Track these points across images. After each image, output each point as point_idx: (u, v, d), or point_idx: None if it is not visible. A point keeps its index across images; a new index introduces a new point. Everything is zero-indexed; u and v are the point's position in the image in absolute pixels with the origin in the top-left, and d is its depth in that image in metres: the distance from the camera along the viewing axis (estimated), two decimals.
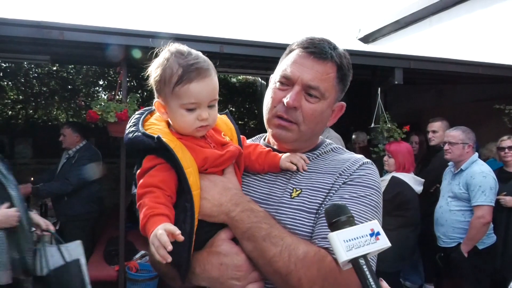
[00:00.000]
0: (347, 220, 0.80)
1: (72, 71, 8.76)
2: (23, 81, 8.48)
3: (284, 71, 1.16)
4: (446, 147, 3.75)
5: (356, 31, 10.27)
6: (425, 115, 6.08)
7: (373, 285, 0.73)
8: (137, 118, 1.12)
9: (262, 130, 1.31)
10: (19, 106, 8.67)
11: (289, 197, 1.12)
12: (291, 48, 1.21)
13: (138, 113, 1.16)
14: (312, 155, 1.22)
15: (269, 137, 1.29)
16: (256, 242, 1.00)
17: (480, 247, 3.52)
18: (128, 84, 5.34)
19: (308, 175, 1.16)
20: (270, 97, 1.19)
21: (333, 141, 1.36)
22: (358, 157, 1.22)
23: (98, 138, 6.56)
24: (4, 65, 8.16)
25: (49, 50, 5.05)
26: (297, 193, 1.12)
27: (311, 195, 1.10)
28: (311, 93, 1.14)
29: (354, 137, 6.30)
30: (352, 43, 7.76)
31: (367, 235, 0.77)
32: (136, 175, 1.10)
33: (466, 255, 3.49)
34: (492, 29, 6.68)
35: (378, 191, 1.13)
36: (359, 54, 4.97)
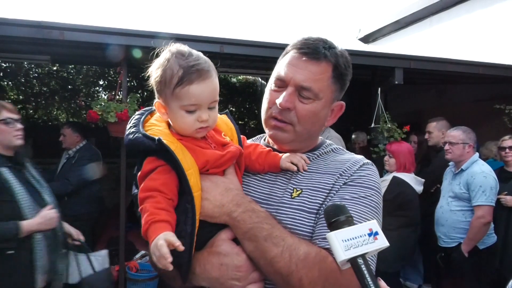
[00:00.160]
0: (346, 220, 0.81)
1: (72, 71, 8.76)
2: (23, 81, 8.48)
3: (278, 72, 1.17)
4: (446, 147, 3.75)
5: (356, 31, 10.27)
6: (425, 115, 6.07)
7: (371, 284, 0.73)
8: (138, 118, 1.12)
9: (262, 130, 1.31)
10: (19, 106, 8.66)
11: (290, 197, 1.12)
12: (287, 49, 1.21)
13: (138, 113, 1.15)
14: (312, 155, 1.22)
15: (268, 137, 1.29)
16: (257, 242, 1.00)
17: (480, 247, 3.52)
18: (128, 84, 5.34)
19: (308, 175, 1.16)
20: (265, 98, 1.21)
21: (333, 141, 1.36)
22: (358, 157, 1.22)
23: (98, 138, 6.55)
24: (4, 65, 8.16)
25: (49, 50, 5.05)
26: (298, 193, 1.12)
27: (311, 195, 1.10)
28: (304, 94, 1.14)
29: (354, 137, 6.30)
30: (352, 43, 7.75)
31: (365, 235, 0.78)
32: (136, 175, 1.10)
33: (466, 255, 3.49)
34: (492, 29, 6.68)
35: (378, 192, 1.14)
36: (359, 54, 4.97)
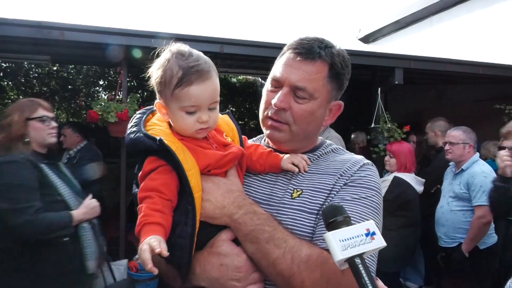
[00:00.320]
0: (344, 220, 0.81)
1: (72, 71, 8.76)
2: (23, 81, 8.48)
3: (274, 73, 1.18)
4: (447, 147, 3.74)
5: (356, 31, 10.28)
6: (426, 115, 6.08)
7: (369, 284, 0.74)
8: (139, 118, 1.11)
9: (262, 130, 1.31)
10: None
11: (290, 198, 1.11)
12: (283, 50, 1.22)
13: (139, 112, 1.15)
14: (313, 156, 1.22)
15: (266, 137, 1.30)
16: (259, 244, 1.00)
17: (481, 247, 3.51)
18: (128, 84, 5.35)
19: (309, 175, 1.16)
20: (262, 99, 1.21)
21: (333, 142, 1.36)
22: (358, 158, 1.22)
23: (98, 138, 6.55)
24: (4, 65, 8.17)
25: (50, 50, 5.05)
26: (298, 193, 1.12)
27: (312, 196, 1.10)
28: (299, 94, 1.14)
29: (353, 137, 6.30)
30: (352, 43, 7.76)
31: (362, 235, 0.78)
32: (137, 175, 1.10)
33: (467, 255, 3.49)
34: (492, 29, 6.68)
35: (378, 193, 1.14)
36: (359, 54, 4.97)
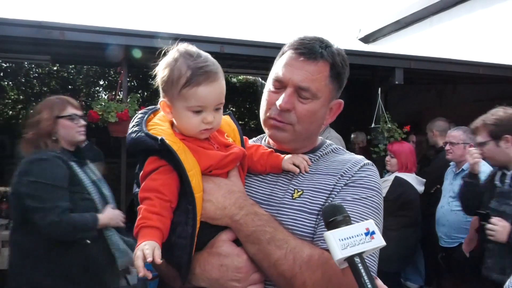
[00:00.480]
0: (343, 219, 0.82)
1: (72, 71, 8.77)
2: (23, 81, 8.49)
3: (276, 73, 1.17)
4: (447, 147, 3.75)
5: (356, 31, 10.27)
6: (426, 115, 6.08)
7: (368, 283, 0.74)
8: (140, 117, 1.11)
9: (262, 130, 1.31)
10: (19, 106, 8.68)
11: (291, 198, 1.11)
12: (283, 49, 1.21)
13: (141, 112, 1.15)
14: (313, 156, 1.22)
15: (268, 137, 1.29)
16: (260, 245, 1.00)
17: None
18: (128, 84, 5.35)
19: (309, 176, 1.16)
20: (264, 99, 1.20)
21: (333, 142, 1.36)
22: (359, 158, 1.22)
23: (98, 138, 6.55)
24: (4, 65, 8.17)
25: (50, 50, 5.05)
26: (299, 194, 1.11)
27: (312, 196, 1.10)
28: (302, 94, 1.14)
29: (353, 137, 6.29)
30: (352, 43, 7.76)
31: (362, 234, 0.79)
32: (137, 174, 1.10)
33: (467, 255, 3.48)
34: (492, 29, 6.68)
35: (379, 193, 1.14)
36: (360, 54, 4.98)
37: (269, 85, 1.20)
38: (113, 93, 4.48)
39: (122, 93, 4.42)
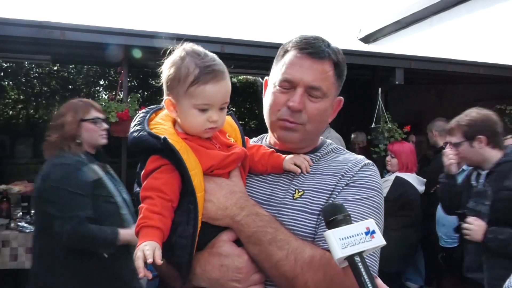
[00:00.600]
0: (344, 218, 0.82)
1: (73, 71, 8.77)
2: (24, 81, 8.49)
3: (284, 74, 1.15)
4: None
5: (356, 31, 10.27)
6: (426, 115, 6.07)
7: (368, 282, 0.74)
8: (142, 117, 1.11)
9: (262, 130, 1.31)
10: (20, 106, 8.68)
11: (292, 198, 1.11)
12: (285, 48, 1.20)
13: (143, 111, 1.14)
14: (315, 157, 1.21)
15: (270, 138, 1.28)
16: (261, 246, 1.00)
17: None
18: (129, 84, 5.35)
19: (310, 176, 1.15)
20: (271, 100, 1.18)
21: (333, 142, 1.36)
22: (359, 158, 1.22)
23: None
24: (5, 65, 8.17)
25: (50, 50, 5.06)
26: (300, 194, 1.11)
27: (313, 196, 1.10)
28: (313, 93, 1.14)
29: (353, 137, 6.28)
30: (352, 43, 7.76)
31: (362, 233, 0.79)
32: (139, 174, 1.10)
33: None
34: (492, 29, 6.68)
35: (380, 193, 1.14)
36: (360, 54, 4.97)
37: (274, 86, 1.18)
38: (114, 93, 4.49)
39: (122, 93, 4.43)
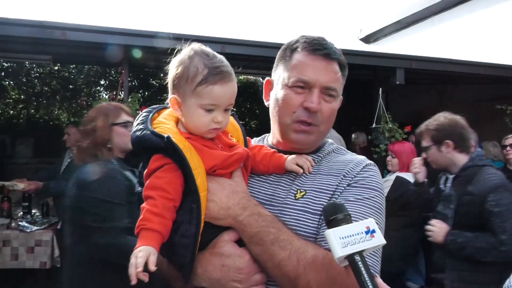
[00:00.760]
0: (344, 218, 0.82)
1: (73, 71, 8.78)
2: (24, 80, 8.50)
3: (298, 74, 1.14)
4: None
5: (357, 31, 10.28)
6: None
7: (368, 281, 0.74)
8: (145, 116, 1.11)
9: (262, 130, 1.30)
10: (20, 105, 8.70)
11: (293, 198, 1.11)
12: (292, 49, 1.19)
13: (145, 111, 1.14)
14: (317, 157, 1.21)
15: (273, 138, 1.28)
16: (264, 246, 1.00)
17: None
18: (129, 84, 5.35)
19: (312, 176, 1.15)
20: (285, 102, 1.16)
21: (334, 142, 1.36)
22: (360, 158, 1.22)
23: None
24: (6, 65, 8.19)
25: (51, 50, 5.06)
26: (302, 194, 1.11)
27: (315, 197, 1.10)
28: (329, 94, 1.15)
29: (354, 137, 6.28)
30: (353, 43, 7.76)
31: (362, 233, 0.79)
32: (141, 173, 1.10)
33: None
34: (493, 29, 6.68)
35: (381, 193, 1.14)
36: (361, 54, 4.98)
37: (286, 87, 1.16)
38: (114, 93, 4.49)
39: (123, 92, 4.43)
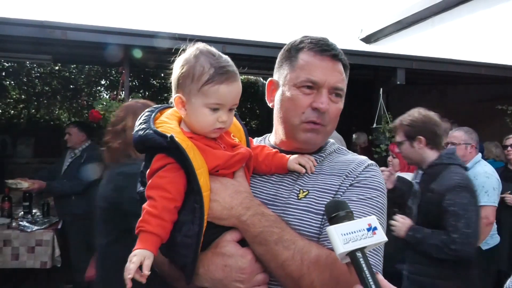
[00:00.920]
0: (346, 215, 0.82)
1: (74, 71, 8.79)
2: (25, 80, 8.50)
3: (307, 75, 1.14)
4: (449, 147, 3.74)
5: (358, 31, 10.28)
6: None
7: (369, 277, 0.75)
8: (148, 115, 1.10)
9: (263, 130, 1.30)
10: (21, 105, 8.70)
11: (296, 198, 1.11)
12: (296, 49, 1.19)
13: (148, 110, 1.14)
14: (319, 157, 1.22)
15: (276, 138, 1.28)
16: (267, 246, 1.00)
17: (483, 247, 3.50)
18: (130, 83, 5.36)
19: (314, 176, 1.15)
20: (293, 102, 1.16)
21: (334, 142, 1.36)
22: (362, 158, 1.22)
23: (99, 137, 6.57)
24: (6, 65, 8.19)
25: (52, 49, 5.06)
26: (304, 194, 1.11)
27: (318, 197, 1.10)
28: (337, 94, 1.16)
29: (355, 137, 6.28)
30: (354, 43, 7.76)
31: (364, 230, 0.79)
32: (142, 173, 1.10)
33: None
34: (494, 29, 6.67)
35: (383, 193, 1.14)
36: (361, 54, 4.98)
37: (293, 87, 1.17)
38: (115, 93, 4.49)
39: (123, 92, 4.43)
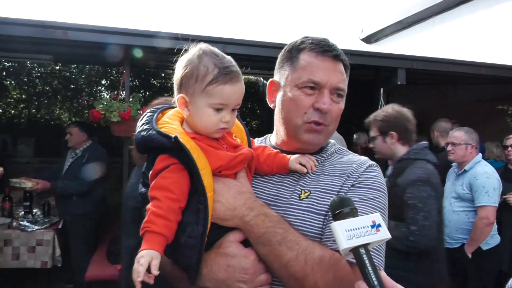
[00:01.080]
0: (350, 211, 0.83)
1: (74, 71, 8.78)
2: (26, 80, 8.50)
3: (309, 76, 1.15)
4: (449, 148, 3.74)
5: (358, 31, 10.27)
6: (428, 116, 6.07)
7: (372, 274, 0.75)
8: (150, 116, 1.10)
9: (263, 130, 1.30)
10: (21, 105, 8.70)
11: (298, 199, 1.12)
12: (298, 48, 1.19)
13: (150, 111, 1.14)
14: (320, 157, 1.22)
15: (277, 139, 1.28)
16: (271, 246, 1.00)
17: (484, 248, 3.51)
18: (131, 83, 5.36)
19: (316, 176, 1.16)
20: (295, 103, 1.17)
21: (335, 142, 1.36)
22: (363, 159, 1.23)
23: (100, 137, 6.56)
24: (7, 64, 8.19)
25: (52, 49, 5.06)
26: (306, 194, 1.12)
27: (320, 197, 1.11)
28: (338, 94, 1.17)
29: (355, 137, 6.27)
30: (354, 43, 7.76)
31: (368, 226, 0.80)
32: (144, 173, 1.10)
33: (470, 256, 3.48)
34: (495, 29, 6.66)
35: (384, 193, 1.15)
36: (362, 54, 4.97)
37: (295, 88, 1.17)
38: (116, 93, 4.49)
39: (124, 92, 4.43)
